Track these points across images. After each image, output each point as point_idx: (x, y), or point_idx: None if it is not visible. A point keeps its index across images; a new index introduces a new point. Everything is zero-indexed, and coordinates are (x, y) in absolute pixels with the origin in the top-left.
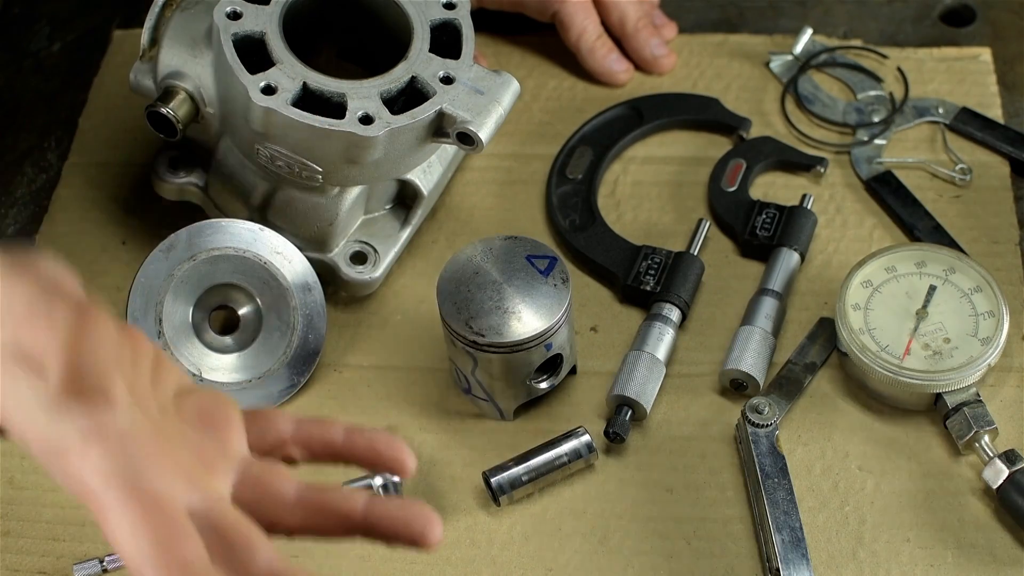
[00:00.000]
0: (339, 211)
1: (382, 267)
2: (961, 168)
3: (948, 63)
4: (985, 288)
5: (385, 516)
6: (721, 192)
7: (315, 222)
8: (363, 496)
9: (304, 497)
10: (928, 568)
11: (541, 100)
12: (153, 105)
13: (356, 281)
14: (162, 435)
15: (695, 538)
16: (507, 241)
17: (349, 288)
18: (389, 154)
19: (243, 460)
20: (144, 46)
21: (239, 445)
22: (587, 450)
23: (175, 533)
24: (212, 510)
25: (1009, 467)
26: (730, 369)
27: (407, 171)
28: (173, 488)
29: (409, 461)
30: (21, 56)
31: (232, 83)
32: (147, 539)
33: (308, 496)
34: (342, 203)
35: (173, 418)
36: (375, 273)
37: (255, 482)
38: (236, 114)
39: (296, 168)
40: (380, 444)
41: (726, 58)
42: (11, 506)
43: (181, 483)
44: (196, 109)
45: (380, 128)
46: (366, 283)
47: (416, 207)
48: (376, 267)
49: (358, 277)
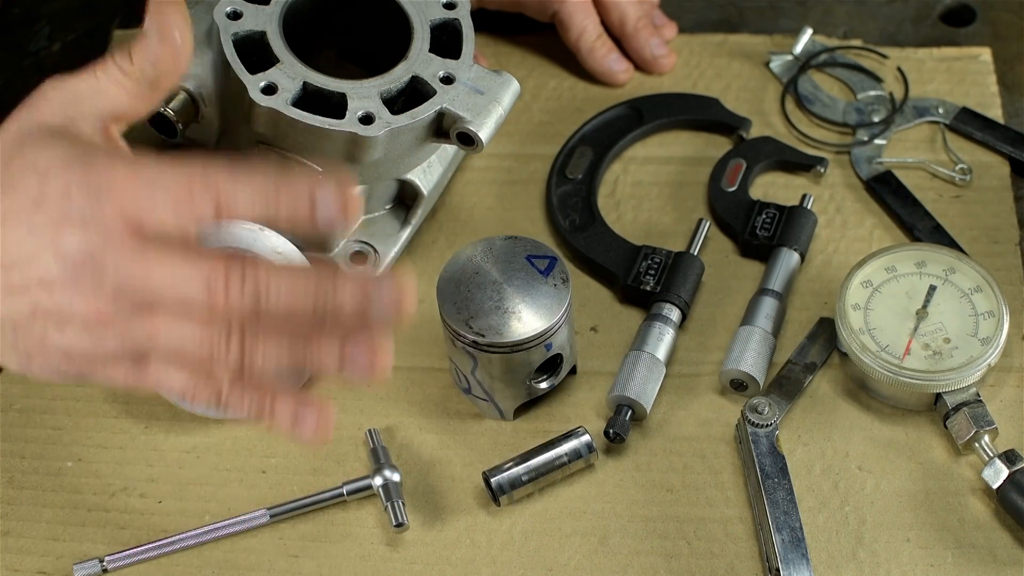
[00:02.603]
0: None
1: (382, 267)
2: (961, 168)
3: (948, 63)
4: (985, 288)
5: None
6: (721, 192)
7: None
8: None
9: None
10: (928, 568)
11: (541, 100)
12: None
13: None
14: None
15: (695, 538)
16: (507, 241)
17: None
18: (389, 154)
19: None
20: None
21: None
22: (587, 450)
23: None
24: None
25: (1009, 467)
26: (730, 369)
27: (407, 171)
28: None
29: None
30: (21, 56)
31: (232, 83)
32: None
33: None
34: None
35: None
36: (375, 273)
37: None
38: (236, 114)
39: (296, 168)
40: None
41: (726, 58)
42: (11, 506)
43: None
44: (196, 109)
45: (380, 128)
46: None
47: (416, 207)
48: (376, 267)
49: None
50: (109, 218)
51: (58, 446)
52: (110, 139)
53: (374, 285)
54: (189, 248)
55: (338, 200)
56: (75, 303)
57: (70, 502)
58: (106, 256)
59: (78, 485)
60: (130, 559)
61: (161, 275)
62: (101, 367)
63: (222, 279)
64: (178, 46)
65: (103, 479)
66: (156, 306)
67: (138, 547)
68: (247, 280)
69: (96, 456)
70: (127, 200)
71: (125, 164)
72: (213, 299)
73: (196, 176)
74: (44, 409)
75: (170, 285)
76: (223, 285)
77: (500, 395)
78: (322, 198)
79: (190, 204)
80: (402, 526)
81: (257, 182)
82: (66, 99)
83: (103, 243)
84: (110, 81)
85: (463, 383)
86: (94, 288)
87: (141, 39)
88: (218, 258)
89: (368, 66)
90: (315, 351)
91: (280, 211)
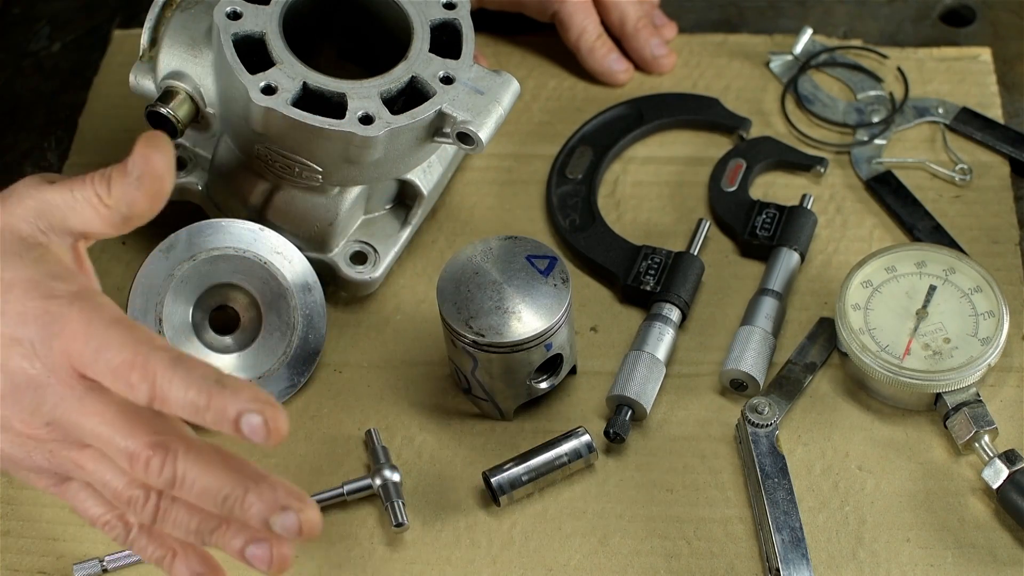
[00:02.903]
0: (339, 211)
1: (382, 267)
2: (961, 168)
3: (948, 63)
4: (985, 288)
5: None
6: (721, 192)
7: (315, 222)
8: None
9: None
10: (928, 568)
11: (541, 100)
12: (153, 105)
13: (356, 281)
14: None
15: (695, 538)
16: (507, 241)
17: (349, 288)
18: (389, 154)
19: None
20: (144, 46)
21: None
22: (587, 450)
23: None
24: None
25: (1009, 467)
26: (730, 369)
27: (407, 171)
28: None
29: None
30: (21, 56)
31: (232, 83)
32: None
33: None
34: (342, 203)
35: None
36: (375, 273)
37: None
38: (236, 114)
39: (296, 168)
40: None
41: (726, 58)
42: (11, 506)
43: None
44: (196, 109)
45: (380, 128)
46: (366, 283)
47: (416, 207)
48: (376, 267)
49: (358, 277)
50: (57, 355)
51: None
52: (78, 257)
53: (281, 502)
54: (126, 409)
55: (262, 428)
56: (12, 417)
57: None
58: (47, 389)
59: None
60: (130, 559)
61: (92, 426)
62: (25, 473)
63: (143, 460)
64: (157, 194)
65: None
66: (85, 447)
67: None
68: (165, 468)
69: None
70: (74, 348)
71: (80, 312)
72: (134, 470)
73: (139, 358)
74: None
75: (99, 437)
76: (143, 464)
77: (500, 395)
78: (247, 420)
79: (127, 381)
80: (402, 526)
81: (192, 386)
82: (41, 209)
83: (46, 376)
84: (86, 203)
85: (463, 383)
86: (31, 412)
87: (122, 175)
88: (146, 436)
89: (368, 66)
90: (221, 535)
91: (206, 420)
